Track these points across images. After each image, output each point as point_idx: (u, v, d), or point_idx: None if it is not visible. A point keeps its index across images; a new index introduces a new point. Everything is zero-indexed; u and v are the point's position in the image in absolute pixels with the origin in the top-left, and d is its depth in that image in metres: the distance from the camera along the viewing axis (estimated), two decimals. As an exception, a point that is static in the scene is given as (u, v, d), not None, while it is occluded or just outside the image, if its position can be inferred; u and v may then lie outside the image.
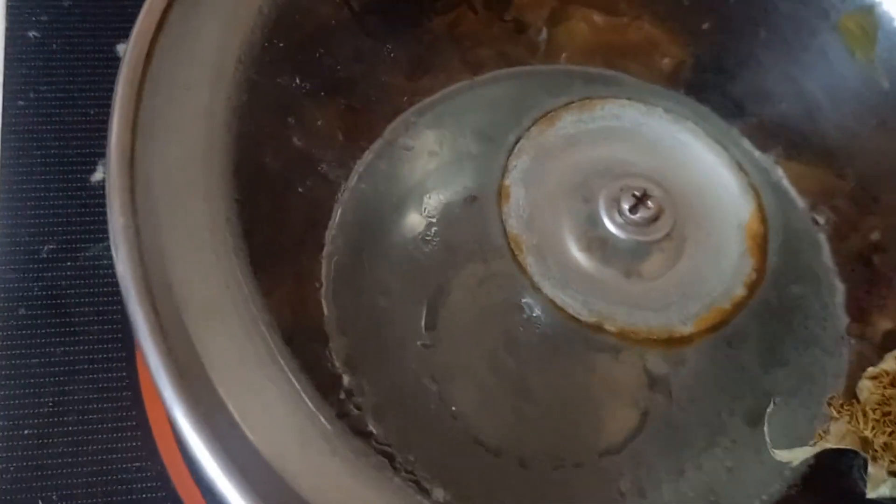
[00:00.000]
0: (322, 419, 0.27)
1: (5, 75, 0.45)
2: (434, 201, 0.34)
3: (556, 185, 0.35)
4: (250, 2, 0.33)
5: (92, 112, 0.45)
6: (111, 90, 0.45)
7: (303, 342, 0.30)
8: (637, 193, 0.34)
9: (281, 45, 0.33)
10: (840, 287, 0.36)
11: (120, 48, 0.47)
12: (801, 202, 0.38)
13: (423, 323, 0.32)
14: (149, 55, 0.31)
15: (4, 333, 0.41)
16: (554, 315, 0.33)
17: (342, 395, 0.31)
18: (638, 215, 0.34)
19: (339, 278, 0.32)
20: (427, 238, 0.34)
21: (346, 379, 0.31)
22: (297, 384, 0.28)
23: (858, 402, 0.31)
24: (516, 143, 0.35)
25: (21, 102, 0.45)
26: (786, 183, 0.38)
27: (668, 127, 0.36)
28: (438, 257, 0.33)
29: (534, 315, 0.33)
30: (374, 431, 0.31)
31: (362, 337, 0.31)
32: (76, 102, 0.45)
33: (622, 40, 0.43)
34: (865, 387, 0.31)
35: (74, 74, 0.46)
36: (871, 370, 0.32)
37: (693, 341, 0.33)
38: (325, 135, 0.33)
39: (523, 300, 0.33)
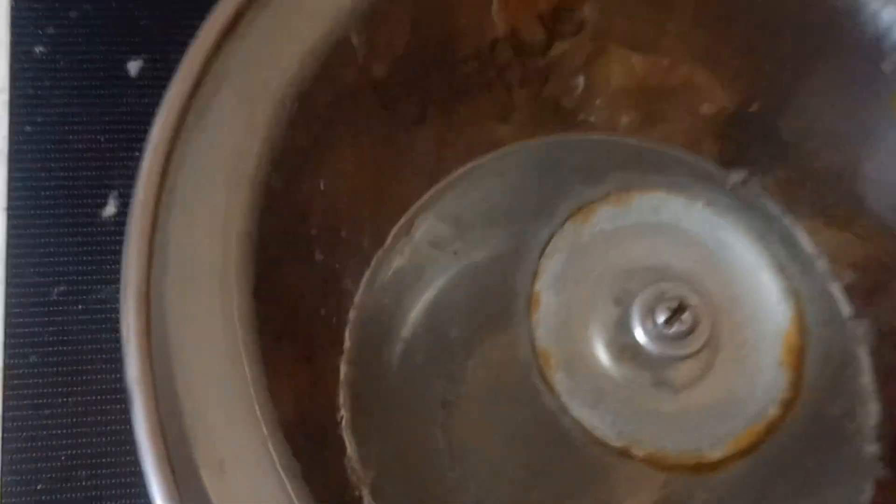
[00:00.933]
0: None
1: (11, 96, 0.43)
2: (462, 314, 0.33)
3: (589, 290, 0.33)
4: (271, 93, 0.31)
5: (102, 139, 0.43)
6: (121, 112, 0.44)
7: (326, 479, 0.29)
8: (672, 305, 0.32)
9: (305, 145, 0.31)
10: (875, 408, 0.34)
11: (130, 65, 0.44)
12: (843, 302, 0.36)
13: (450, 453, 0.31)
14: (164, 172, 0.29)
15: (15, 382, 0.40)
16: (582, 437, 0.32)
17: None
18: (673, 330, 0.32)
19: (356, 409, 0.31)
20: (454, 354, 0.32)
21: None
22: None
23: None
24: (548, 242, 0.33)
25: (28, 128, 0.43)
26: (825, 270, 0.36)
27: (709, 223, 0.35)
28: (462, 374, 0.32)
29: (561, 435, 0.32)
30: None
31: (388, 472, 0.30)
32: (86, 127, 0.43)
33: (661, 84, 0.40)
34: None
35: (83, 95, 0.44)
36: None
37: (722, 467, 0.32)
38: (352, 245, 0.31)
39: (552, 420, 0.32)
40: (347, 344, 0.32)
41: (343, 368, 0.32)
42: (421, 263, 0.33)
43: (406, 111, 0.33)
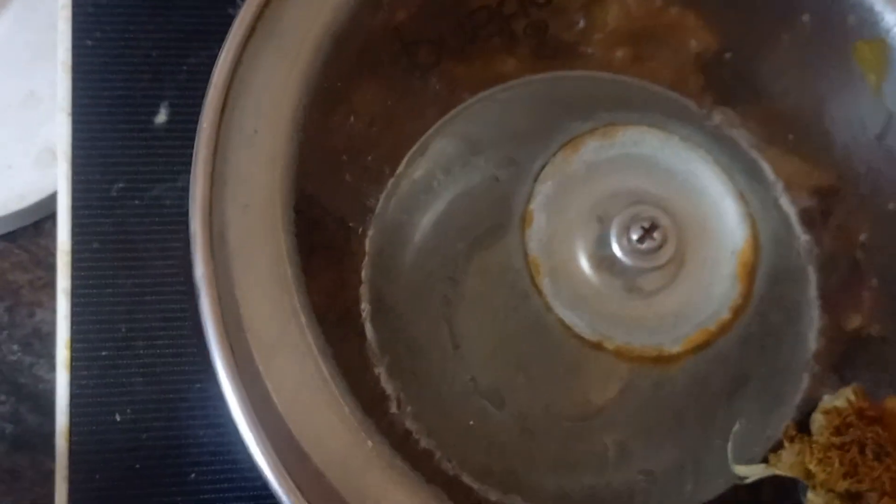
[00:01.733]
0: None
1: (73, 13, 0.48)
2: (465, 226, 0.39)
3: (575, 210, 0.39)
4: (311, 39, 0.36)
5: (154, 54, 0.48)
6: (171, 29, 0.49)
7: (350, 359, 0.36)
8: (645, 225, 0.38)
9: (339, 87, 0.36)
10: (816, 318, 0.41)
11: (177, -12, 0.49)
12: (796, 225, 0.42)
13: (451, 341, 0.38)
14: (223, 107, 0.34)
15: (81, 265, 0.46)
16: (562, 332, 0.38)
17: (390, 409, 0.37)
18: (644, 245, 0.38)
19: (375, 304, 0.38)
20: (456, 260, 0.39)
21: (389, 389, 0.37)
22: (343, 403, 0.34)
23: (810, 434, 0.37)
24: (542, 169, 0.39)
25: (89, 42, 0.48)
26: (782, 198, 0.42)
27: (683, 155, 0.40)
28: (464, 277, 0.38)
29: (545, 330, 0.38)
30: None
31: (400, 355, 0.37)
32: (139, 43, 0.48)
33: (654, 24, 0.45)
34: (817, 420, 0.37)
35: (137, 13, 0.49)
36: (824, 404, 0.38)
37: (679, 360, 0.39)
38: (374, 170, 0.37)
39: (537, 317, 0.38)
40: (368, 250, 0.38)
41: (364, 271, 0.38)
42: (431, 181, 0.39)
43: (423, 55, 0.38)
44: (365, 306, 0.37)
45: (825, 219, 0.43)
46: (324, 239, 0.36)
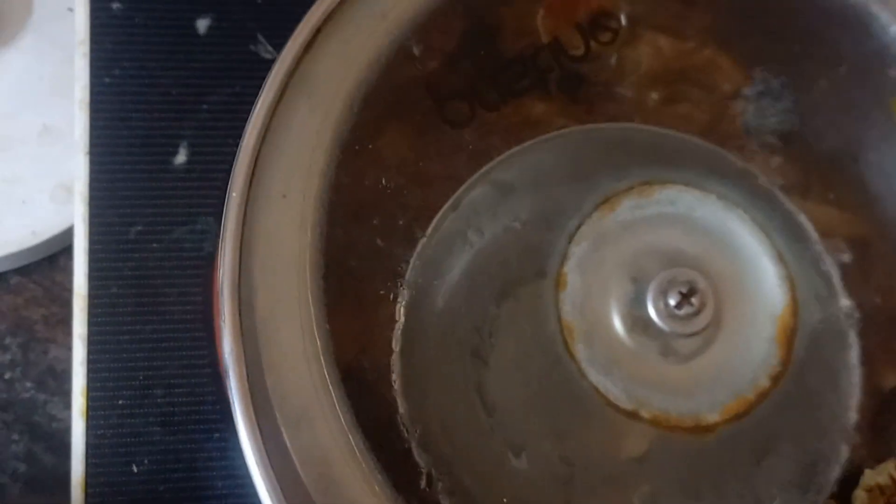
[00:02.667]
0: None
1: (91, 49, 0.47)
2: (496, 287, 0.38)
3: (610, 271, 0.38)
4: (342, 97, 0.35)
5: (174, 92, 0.47)
6: (192, 67, 0.48)
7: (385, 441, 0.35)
8: (683, 290, 0.37)
9: (369, 146, 0.35)
10: (856, 383, 0.40)
11: (199, 23, 0.48)
12: (837, 284, 0.40)
13: (483, 410, 0.37)
14: (254, 171, 0.33)
15: (99, 311, 0.45)
16: (596, 400, 0.37)
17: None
18: (682, 311, 0.37)
19: (406, 372, 0.36)
20: (488, 323, 0.37)
21: (421, 462, 0.36)
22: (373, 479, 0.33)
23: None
24: (577, 229, 0.38)
25: (107, 80, 0.47)
26: (822, 255, 0.41)
27: (720, 214, 0.39)
28: (495, 341, 0.37)
29: (579, 397, 0.37)
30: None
31: (431, 426, 0.36)
32: (158, 80, 0.47)
33: (687, 66, 0.44)
34: (860, 498, 0.36)
35: (156, 50, 0.47)
36: (866, 480, 0.37)
37: (717, 429, 0.38)
38: (405, 232, 0.36)
39: (571, 383, 0.37)
40: (400, 318, 0.37)
41: (395, 340, 0.37)
42: (462, 241, 0.38)
43: (456, 112, 0.37)
44: (395, 378, 0.36)
45: (865, 275, 0.41)
46: (354, 307, 0.35)
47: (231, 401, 0.32)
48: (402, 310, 0.37)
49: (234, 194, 0.32)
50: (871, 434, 0.39)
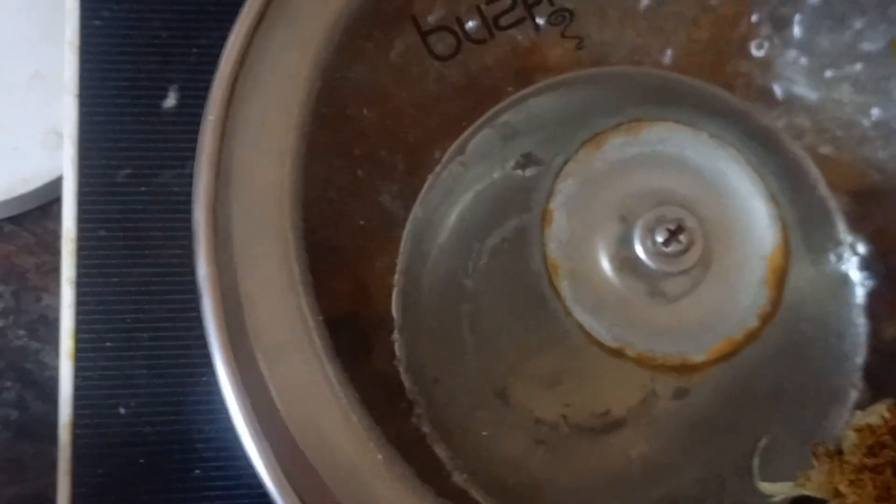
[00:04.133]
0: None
1: (81, -9, 0.46)
2: (484, 226, 0.37)
3: (597, 210, 0.38)
4: (323, 25, 0.35)
5: (164, 35, 0.47)
6: (181, 10, 0.47)
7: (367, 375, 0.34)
8: (671, 227, 0.37)
9: (350, 76, 0.34)
10: (860, 329, 0.39)
11: (188, -32, 0.47)
12: (839, 226, 0.39)
13: (473, 342, 0.36)
14: (230, 98, 0.33)
15: (87, 253, 0.45)
16: (581, 337, 0.37)
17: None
18: (670, 248, 0.37)
19: (403, 309, 0.36)
20: (476, 262, 0.37)
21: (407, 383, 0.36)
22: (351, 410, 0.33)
23: (841, 452, 0.35)
24: (563, 165, 0.38)
25: (97, 23, 0.46)
26: (824, 196, 0.40)
27: (711, 153, 0.38)
28: (483, 279, 0.37)
29: (564, 334, 0.37)
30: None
31: (424, 352, 0.36)
32: (148, 24, 0.47)
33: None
34: (849, 438, 0.35)
35: (146, -8, 0.47)
36: (856, 421, 0.36)
37: (703, 370, 0.37)
38: (388, 165, 0.35)
39: (556, 321, 0.37)
40: (402, 254, 0.37)
41: (397, 277, 0.37)
42: (457, 181, 0.38)
43: (442, 42, 0.37)
44: (395, 313, 0.36)
45: (870, 220, 0.41)
46: (334, 240, 0.35)
47: (205, 329, 0.31)
48: (403, 245, 0.36)
49: (210, 117, 0.32)
50: (877, 380, 0.38)
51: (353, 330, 0.35)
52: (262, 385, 0.32)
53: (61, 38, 0.47)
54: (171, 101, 0.47)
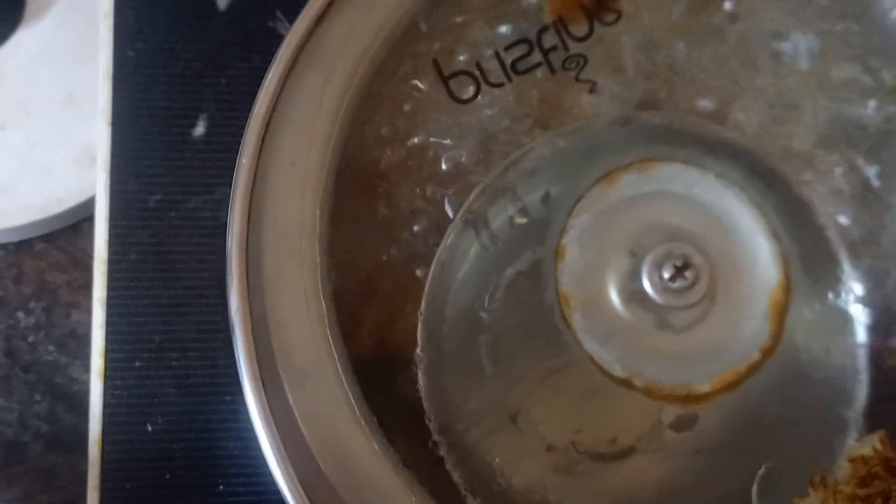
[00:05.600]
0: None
1: (116, 22, 0.48)
2: (501, 259, 0.39)
3: (608, 245, 0.39)
4: (352, 68, 0.37)
5: (194, 65, 0.49)
6: (212, 42, 0.49)
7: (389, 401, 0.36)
8: (678, 264, 0.39)
9: (375, 118, 0.36)
10: (863, 368, 0.40)
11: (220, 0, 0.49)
12: (844, 263, 0.41)
13: (493, 371, 0.38)
14: (263, 139, 0.35)
15: (118, 276, 0.46)
16: (591, 367, 0.38)
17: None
18: (676, 284, 0.39)
19: (425, 326, 0.38)
20: (494, 293, 0.39)
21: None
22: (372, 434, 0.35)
23: (836, 481, 0.37)
24: (577, 202, 0.39)
25: (130, 53, 0.48)
26: (830, 235, 0.41)
27: (717, 192, 0.40)
28: (500, 310, 0.38)
29: (575, 364, 0.39)
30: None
31: (444, 379, 0.38)
32: (180, 54, 0.49)
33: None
34: (844, 468, 0.37)
35: (178, 25, 0.49)
36: (850, 451, 0.38)
37: (708, 400, 0.39)
38: (409, 204, 0.37)
39: (568, 352, 0.38)
40: (426, 286, 0.38)
41: (420, 309, 0.38)
42: (474, 220, 0.39)
43: (462, 86, 0.39)
44: (420, 344, 0.38)
45: (869, 254, 0.42)
46: (359, 275, 0.37)
47: (237, 357, 0.33)
48: (429, 280, 0.38)
49: (243, 160, 0.34)
50: (877, 412, 0.40)
51: (376, 358, 0.37)
52: (288, 409, 0.34)
53: (93, 61, 0.48)
54: (200, 129, 0.48)
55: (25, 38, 0.56)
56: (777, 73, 0.42)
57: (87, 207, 0.55)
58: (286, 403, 0.34)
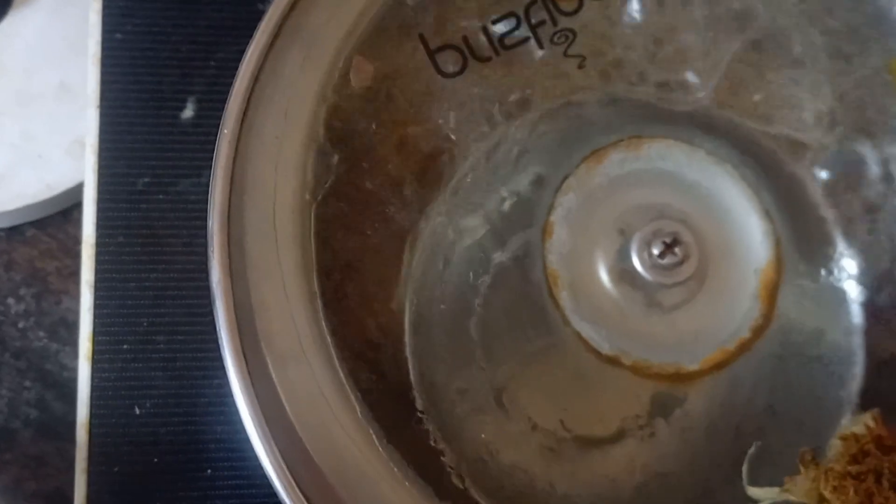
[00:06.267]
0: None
1: (104, 5, 0.48)
2: (490, 239, 0.39)
3: (596, 223, 0.39)
4: (335, 42, 0.36)
5: (183, 49, 0.48)
6: (200, 25, 0.49)
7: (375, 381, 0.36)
8: (667, 241, 0.38)
9: (359, 92, 0.36)
10: (857, 347, 0.40)
11: (208, -19, 0.49)
12: (839, 242, 0.40)
13: (481, 348, 0.38)
14: (245, 112, 0.34)
15: (106, 258, 0.46)
16: (579, 346, 0.38)
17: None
18: (665, 260, 0.38)
19: (414, 305, 0.37)
20: (482, 274, 0.38)
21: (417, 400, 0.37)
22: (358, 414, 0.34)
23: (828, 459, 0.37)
24: (564, 180, 0.39)
25: (119, 36, 0.48)
26: (824, 216, 0.41)
27: (708, 169, 0.40)
28: (488, 290, 0.38)
29: (562, 342, 0.38)
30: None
31: (431, 358, 0.37)
32: (168, 38, 0.48)
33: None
34: (835, 446, 0.37)
35: (166, 8, 0.49)
36: (842, 430, 0.37)
37: (697, 379, 0.38)
38: (396, 178, 0.37)
39: (556, 330, 0.38)
40: (417, 274, 0.38)
41: (409, 296, 0.38)
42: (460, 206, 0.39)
43: (449, 60, 0.38)
44: (406, 322, 0.37)
45: (873, 233, 0.41)
46: (349, 254, 0.36)
47: (218, 332, 0.33)
48: (416, 265, 0.38)
49: (225, 131, 0.33)
50: (871, 392, 0.39)
51: (361, 337, 0.36)
52: (272, 390, 0.33)
53: (87, 52, 0.48)
54: (189, 112, 0.48)
55: (20, 28, 0.56)
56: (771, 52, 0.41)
57: (77, 194, 0.55)
58: (271, 384, 0.33)
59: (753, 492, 0.37)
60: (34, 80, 0.55)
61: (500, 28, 0.39)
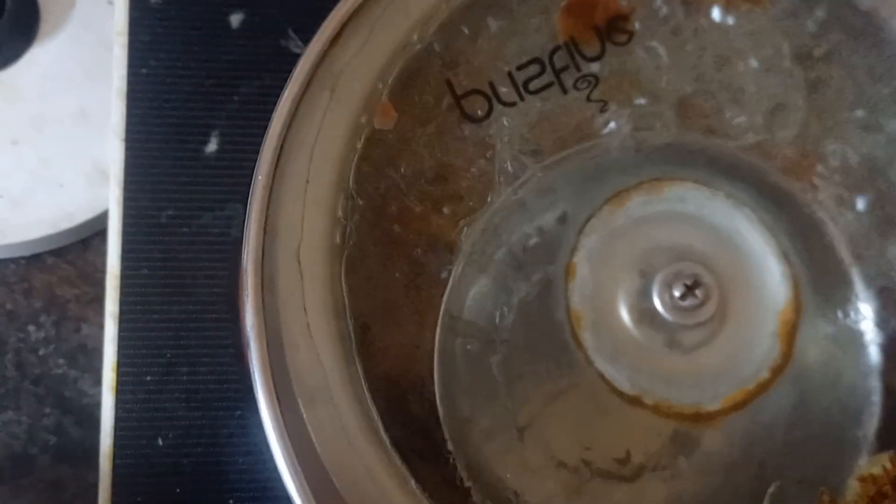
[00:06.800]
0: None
1: (130, 41, 0.49)
2: (513, 277, 0.39)
3: (619, 264, 0.40)
4: (361, 95, 0.37)
5: (207, 83, 0.49)
6: (224, 60, 0.49)
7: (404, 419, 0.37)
8: (688, 283, 0.39)
9: (390, 136, 0.37)
10: (874, 388, 0.41)
11: (233, 18, 0.50)
12: (857, 283, 0.41)
13: (505, 388, 0.38)
14: (278, 157, 0.35)
15: (130, 290, 0.47)
16: (601, 385, 0.39)
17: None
18: (686, 302, 0.39)
19: (440, 344, 0.38)
20: (506, 312, 0.39)
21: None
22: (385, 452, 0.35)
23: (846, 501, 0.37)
24: (587, 221, 0.40)
25: (144, 70, 0.49)
26: (843, 258, 0.42)
27: (728, 213, 0.40)
28: (512, 328, 0.39)
29: (585, 382, 0.39)
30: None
31: (458, 397, 0.38)
32: (192, 72, 0.49)
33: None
34: (853, 488, 0.37)
35: (191, 43, 0.49)
36: (860, 470, 0.38)
37: (718, 419, 0.39)
38: (423, 221, 0.38)
39: (578, 369, 0.39)
40: (444, 314, 0.39)
41: (437, 335, 0.39)
42: (488, 238, 0.40)
43: (475, 105, 0.39)
44: (436, 364, 0.38)
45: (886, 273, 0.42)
46: (378, 294, 0.37)
47: (251, 373, 0.34)
48: (443, 307, 0.39)
49: (259, 178, 0.34)
50: (888, 433, 0.40)
51: (389, 378, 0.37)
52: (302, 427, 0.34)
53: (105, 77, 0.49)
54: (212, 146, 0.49)
55: (39, 55, 0.56)
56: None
57: (98, 223, 0.55)
58: (300, 421, 0.34)
59: (772, 531, 0.38)
60: (53, 106, 0.55)
61: (525, 74, 0.40)
